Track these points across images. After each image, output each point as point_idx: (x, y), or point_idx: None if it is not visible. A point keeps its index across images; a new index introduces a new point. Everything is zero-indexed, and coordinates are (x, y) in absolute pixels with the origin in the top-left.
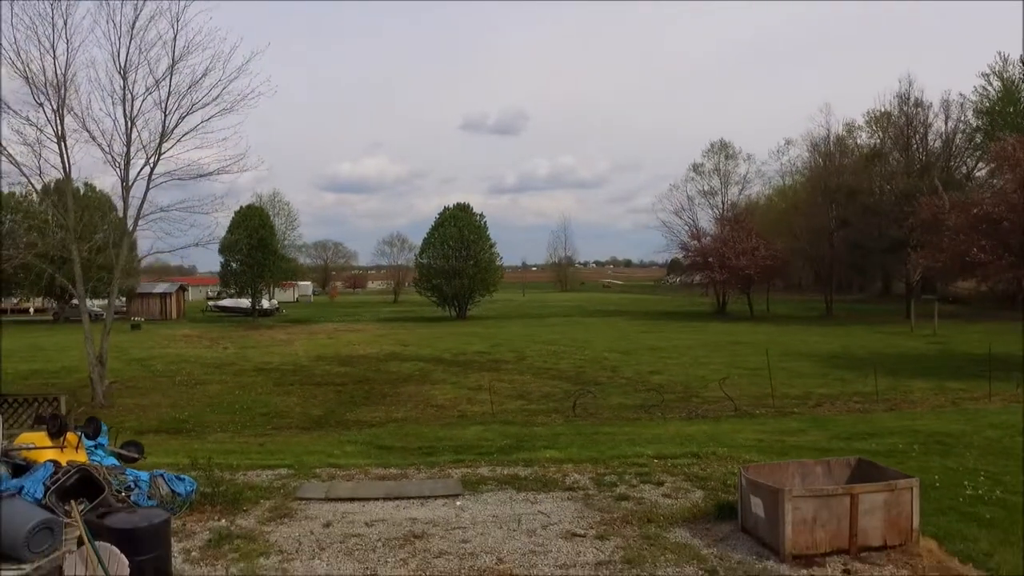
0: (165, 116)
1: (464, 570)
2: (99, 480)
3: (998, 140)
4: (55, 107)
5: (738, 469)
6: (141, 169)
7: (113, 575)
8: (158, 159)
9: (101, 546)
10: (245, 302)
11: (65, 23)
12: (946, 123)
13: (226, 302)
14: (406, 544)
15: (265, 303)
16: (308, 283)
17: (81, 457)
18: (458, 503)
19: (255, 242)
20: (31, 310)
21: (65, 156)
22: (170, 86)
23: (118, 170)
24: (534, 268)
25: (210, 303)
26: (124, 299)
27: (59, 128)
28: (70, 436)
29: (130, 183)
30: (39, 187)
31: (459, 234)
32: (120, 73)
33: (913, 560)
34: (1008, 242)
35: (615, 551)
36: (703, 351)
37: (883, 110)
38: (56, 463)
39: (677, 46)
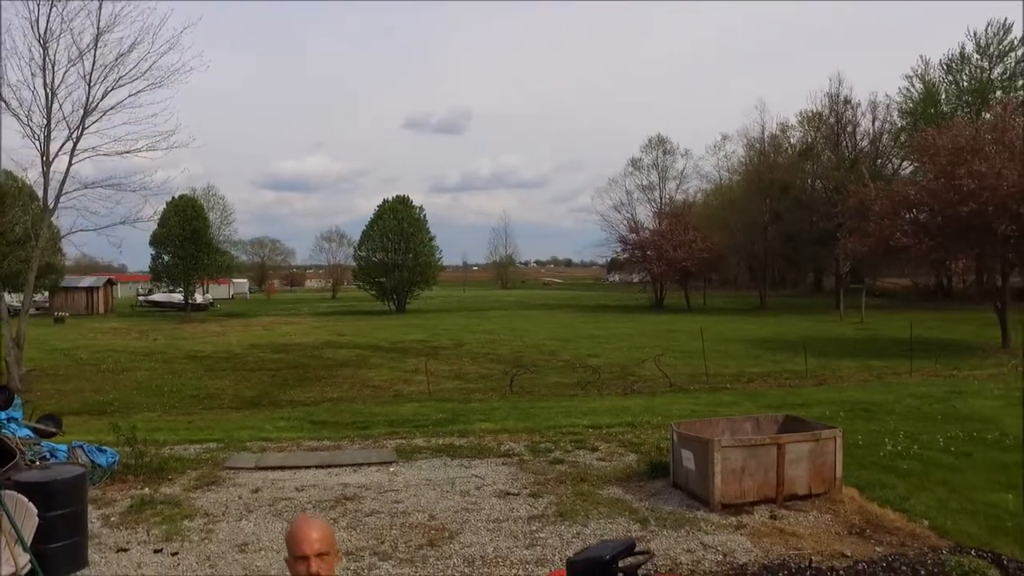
0: (90, 89)
1: (396, 527)
2: (10, 447)
3: (921, 133)
4: None
5: (670, 426)
6: (64, 143)
7: (20, 524)
8: (81, 133)
9: (8, 494)
10: (178, 297)
11: None
12: (873, 123)
13: (157, 296)
14: (337, 505)
15: (199, 297)
16: (244, 280)
17: None
18: (391, 469)
19: (188, 233)
20: None
21: None
22: (94, 58)
23: (38, 143)
24: (475, 267)
25: (141, 298)
26: (47, 293)
27: None
28: None
29: (51, 158)
30: None
31: (398, 227)
32: (40, 42)
33: (836, 506)
34: (928, 227)
35: (548, 506)
36: (640, 338)
37: (815, 110)
38: None
39: (623, 46)
